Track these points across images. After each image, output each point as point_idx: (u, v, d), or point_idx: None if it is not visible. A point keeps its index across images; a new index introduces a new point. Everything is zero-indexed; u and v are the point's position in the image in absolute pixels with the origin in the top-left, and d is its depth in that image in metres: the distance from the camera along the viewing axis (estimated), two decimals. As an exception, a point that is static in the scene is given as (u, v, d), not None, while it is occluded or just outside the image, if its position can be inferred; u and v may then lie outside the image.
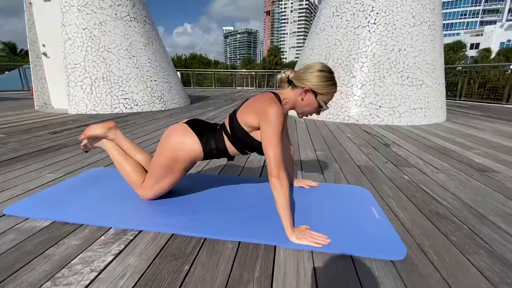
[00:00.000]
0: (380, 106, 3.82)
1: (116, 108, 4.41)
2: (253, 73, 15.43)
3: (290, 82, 1.12)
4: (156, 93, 4.89)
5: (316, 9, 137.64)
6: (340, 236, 1.05)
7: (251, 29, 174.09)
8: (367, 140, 2.78)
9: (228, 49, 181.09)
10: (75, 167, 1.83)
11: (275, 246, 1.00)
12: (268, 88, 14.35)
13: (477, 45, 44.61)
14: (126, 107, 4.49)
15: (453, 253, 0.97)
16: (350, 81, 3.96)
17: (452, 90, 8.30)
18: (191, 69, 15.82)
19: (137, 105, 4.60)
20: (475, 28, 55.22)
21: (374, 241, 1.03)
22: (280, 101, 1.12)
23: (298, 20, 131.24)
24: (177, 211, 1.23)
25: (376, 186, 1.59)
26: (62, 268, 0.87)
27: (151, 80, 4.81)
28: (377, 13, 3.89)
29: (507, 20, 52.79)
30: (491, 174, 1.82)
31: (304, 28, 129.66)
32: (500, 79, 8.68)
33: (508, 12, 56.24)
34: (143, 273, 0.85)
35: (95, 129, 1.35)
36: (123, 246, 0.99)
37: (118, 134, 1.39)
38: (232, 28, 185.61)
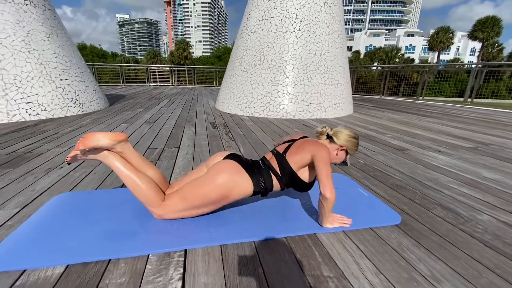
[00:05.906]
0: (310, 103, 4.44)
1: (15, 115, 3.44)
2: (167, 68, 14.57)
3: (328, 137, 1.37)
4: (70, 95, 4.06)
5: (218, 5, 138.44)
6: (352, 216, 1.32)
7: (151, 19, 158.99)
8: (311, 133, 3.24)
9: (125, 40, 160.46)
10: (26, 198, 1.45)
11: (315, 234, 1.17)
12: (179, 84, 13.83)
13: (351, 48, 55.57)
14: (30, 114, 3.56)
15: (424, 211, 1.40)
16: (284, 81, 4.41)
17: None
18: (91, 63, 13.47)
19: (45, 110, 3.71)
20: (348, 34, 68.63)
21: (376, 214, 1.35)
22: None
23: (202, 14, 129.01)
24: (210, 224, 1.22)
25: (347, 171, 1.97)
26: (135, 308, 0.79)
27: (61, 79, 3.95)
28: (301, 21, 4.45)
29: (369, 29, 67.93)
30: (406, 152, 2.51)
31: (209, 22, 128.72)
32: (368, 75, 12.55)
33: (369, 23, 72.47)
34: None
35: (100, 140, 1.15)
36: (181, 269, 0.95)
37: (127, 147, 1.23)
38: (128, 16, 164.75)
